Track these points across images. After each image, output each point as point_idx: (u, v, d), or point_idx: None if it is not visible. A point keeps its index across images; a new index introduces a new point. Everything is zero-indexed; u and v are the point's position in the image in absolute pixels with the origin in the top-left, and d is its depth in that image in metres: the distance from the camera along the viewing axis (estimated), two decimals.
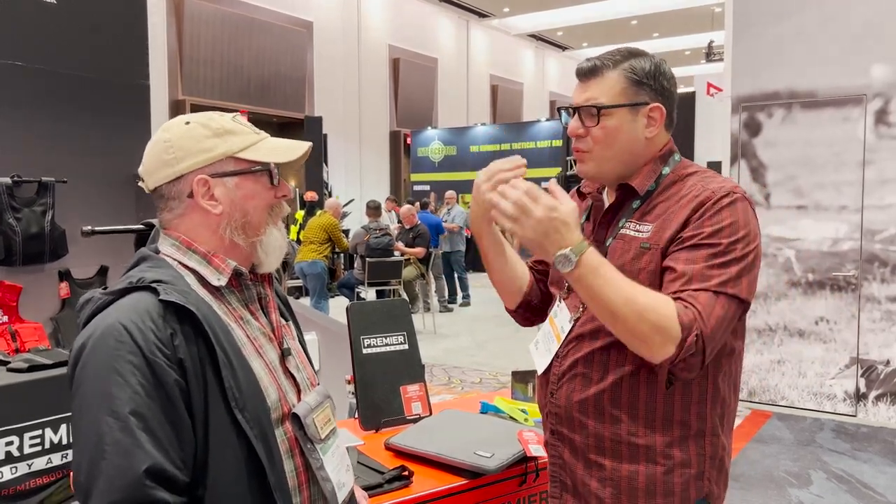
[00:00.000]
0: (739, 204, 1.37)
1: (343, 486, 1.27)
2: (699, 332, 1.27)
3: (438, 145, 18.83)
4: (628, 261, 1.41)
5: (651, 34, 23.26)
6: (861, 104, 5.09)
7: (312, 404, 1.24)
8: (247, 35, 15.00)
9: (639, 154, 1.46)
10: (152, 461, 1.02)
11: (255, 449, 1.11)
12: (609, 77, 1.44)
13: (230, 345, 1.14)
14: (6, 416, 2.61)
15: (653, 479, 1.40)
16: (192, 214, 1.21)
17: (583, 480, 1.46)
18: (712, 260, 1.32)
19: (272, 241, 1.26)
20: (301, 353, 1.36)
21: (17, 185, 3.54)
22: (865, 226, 5.10)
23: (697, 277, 1.31)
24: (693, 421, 1.40)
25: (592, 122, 1.44)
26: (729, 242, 1.33)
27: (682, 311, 1.28)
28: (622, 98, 1.43)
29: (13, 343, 3.35)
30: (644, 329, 1.27)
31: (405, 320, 2.37)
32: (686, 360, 1.28)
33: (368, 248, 8.63)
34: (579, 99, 1.47)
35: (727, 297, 1.31)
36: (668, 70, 1.47)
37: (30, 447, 2.67)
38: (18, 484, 2.65)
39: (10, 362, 2.82)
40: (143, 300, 1.11)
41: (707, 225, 1.35)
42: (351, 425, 2.24)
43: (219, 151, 1.21)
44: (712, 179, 1.43)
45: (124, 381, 1.04)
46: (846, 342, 5.21)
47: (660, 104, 1.45)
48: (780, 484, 4.09)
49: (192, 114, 1.27)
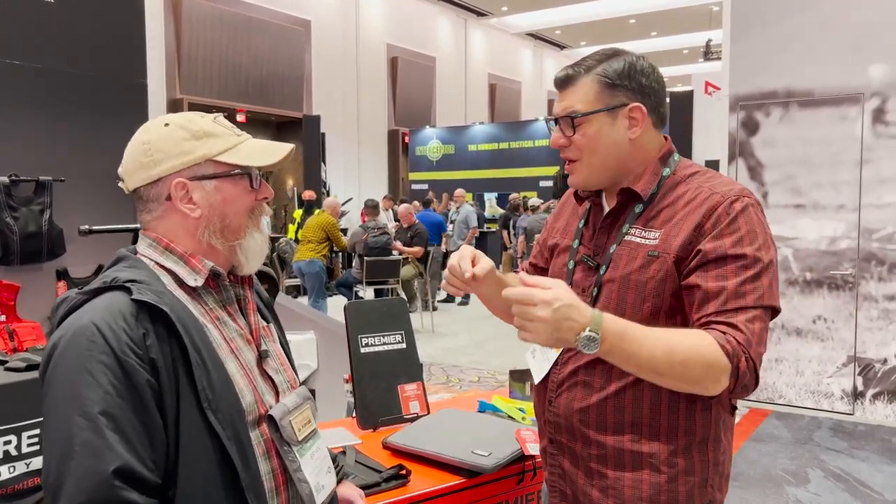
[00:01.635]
0: (752, 209, 1.34)
1: (322, 489, 1.26)
2: (747, 356, 1.25)
3: (437, 144, 18.83)
4: (635, 269, 1.38)
5: (649, 33, 23.28)
6: (859, 103, 5.10)
7: (290, 406, 1.23)
8: (245, 34, 14.99)
9: (627, 157, 1.43)
10: (122, 462, 1.02)
11: (227, 450, 1.10)
12: (583, 83, 1.42)
13: (204, 345, 1.13)
14: (4, 415, 2.61)
15: (657, 489, 1.37)
16: (170, 217, 1.21)
17: (584, 490, 1.44)
18: (743, 274, 1.30)
19: (252, 244, 1.25)
20: (282, 354, 1.35)
21: (14, 184, 3.53)
22: (863, 225, 5.11)
23: (732, 295, 1.29)
24: (698, 428, 1.38)
25: (571, 131, 1.43)
26: (754, 252, 1.31)
27: (723, 341, 1.24)
28: (598, 103, 1.41)
29: (11, 342, 3.35)
30: (694, 374, 1.24)
31: (403, 319, 2.37)
32: (746, 384, 1.26)
33: (367, 247, 8.63)
34: (558, 109, 1.46)
35: (763, 309, 1.30)
36: (645, 67, 1.43)
37: (28, 446, 2.67)
38: (17, 483, 2.65)
39: (8, 361, 2.82)
40: (116, 300, 1.10)
41: (726, 235, 1.32)
42: (349, 424, 2.24)
43: (198, 154, 1.19)
44: (717, 181, 1.40)
45: (95, 381, 1.04)
46: (844, 341, 5.22)
47: (640, 103, 1.41)
48: (777, 482, 4.09)
49: (173, 114, 1.25)
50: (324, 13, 17.23)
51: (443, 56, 21.39)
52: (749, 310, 1.28)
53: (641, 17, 21.37)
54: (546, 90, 26.36)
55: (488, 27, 23.24)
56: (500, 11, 22.11)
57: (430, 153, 18.86)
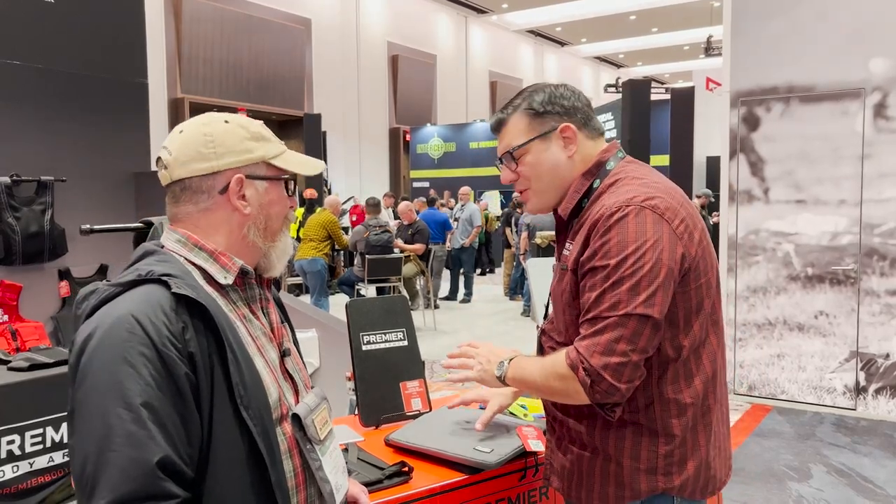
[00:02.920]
0: (631, 217, 1.38)
1: (340, 489, 1.27)
2: (585, 366, 1.36)
3: (438, 142, 18.83)
4: (555, 282, 1.54)
5: (650, 29, 23.25)
6: (860, 98, 5.09)
7: (311, 405, 1.24)
8: (245, 33, 14.99)
9: (570, 174, 1.55)
10: (164, 453, 1.02)
11: (257, 446, 1.11)
12: (513, 121, 1.57)
13: (237, 341, 1.14)
14: (7, 414, 2.61)
15: (606, 470, 1.50)
16: (217, 211, 1.21)
17: (561, 463, 1.62)
18: (602, 285, 1.38)
19: (284, 247, 1.29)
20: (297, 355, 1.36)
21: (16, 184, 3.54)
22: (864, 220, 5.11)
23: (591, 305, 1.39)
24: (643, 422, 1.46)
25: (513, 165, 1.57)
26: (617, 262, 1.37)
27: (568, 353, 1.40)
28: (530, 133, 1.54)
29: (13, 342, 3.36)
30: (558, 387, 1.44)
31: (405, 317, 2.37)
32: (596, 392, 1.37)
33: (368, 245, 8.63)
34: (499, 150, 1.60)
35: (619, 318, 1.35)
36: (565, 91, 1.56)
37: (31, 446, 2.67)
38: (20, 482, 2.66)
39: (11, 361, 2.83)
40: (154, 293, 1.10)
41: (596, 246, 1.40)
42: (351, 422, 2.25)
43: (257, 154, 1.23)
44: (618, 192, 1.45)
45: (136, 373, 1.03)
46: (846, 336, 5.22)
47: (568, 122, 1.53)
48: (780, 478, 4.10)
49: (227, 113, 1.28)
50: (324, 11, 17.23)
51: (443, 54, 21.38)
52: (600, 319, 1.37)
53: (642, 13, 21.34)
54: None
55: (489, 24, 23.22)
56: (500, 9, 22.08)
57: (432, 151, 18.86)
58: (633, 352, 1.35)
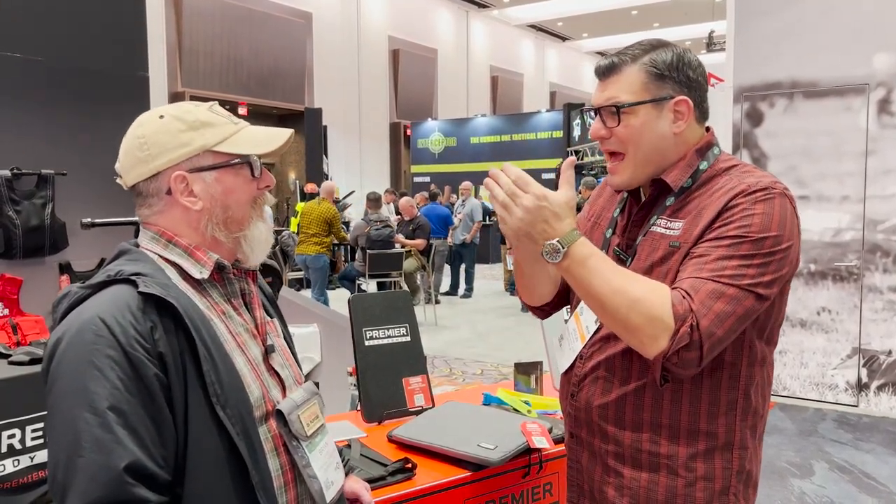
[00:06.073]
0: (777, 200, 1.27)
1: (332, 485, 1.24)
2: (694, 324, 1.19)
3: (439, 137, 18.79)
4: (657, 260, 1.33)
5: (651, 24, 23.18)
6: (863, 94, 5.07)
7: (298, 401, 1.22)
8: (246, 27, 14.96)
9: (670, 152, 1.37)
10: (132, 458, 1.00)
11: (237, 446, 1.08)
12: (628, 73, 1.35)
13: (211, 339, 1.11)
14: (8, 408, 2.61)
15: (673, 492, 1.33)
16: (171, 211, 1.18)
17: (600, 487, 1.41)
18: (733, 251, 1.23)
19: (257, 234, 1.22)
20: (286, 350, 1.33)
21: (16, 178, 3.53)
22: (868, 216, 5.09)
23: (710, 266, 1.23)
24: (720, 432, 1.33)
25: (614, 122, 1.35)
26: (757, 237, 1.24)
27: (677, 301, 1.20)
28: (644, 94, 1.34)
29: (14, 336, 3.35)
30: (634, 319, 1.20)
31: (407, 312, 2.36)
32: (680, 354, 1.19)
33: (369, 240, 8.62)
34: (599, 99, 1.38)
35: (740, 290, 1.22)
36: (693, 59, 1.38)
37: (32, 440, 2.67)
38: (21, 476, 2.65)
39: (12, 355, 2.83)
40: (122, 293, 1.08)
41: (737, 217, 1.26)
42: (353, 417, 2.24)
43: (196, 146, 1.16)
44: (751, 174, 1.34)
45: (102, 376, 1.01)
46: (848, 332, 5.21)
47: (686, 97, 1.36)
48: (782, 474, 4.09)
49: (168, 105, 1.22)
50: (325, 5, 17.19)
51: (444, 48, 21.34)
52: (719, 284, 1.21)
53: (644, 8, 21.28)
54: (548, 82, 26.30)
55: (490, 19, 23.17)
56: (501, 3, 22.04)
57: (433, 146, 18.83)
58: (733, 332, 1.23)
